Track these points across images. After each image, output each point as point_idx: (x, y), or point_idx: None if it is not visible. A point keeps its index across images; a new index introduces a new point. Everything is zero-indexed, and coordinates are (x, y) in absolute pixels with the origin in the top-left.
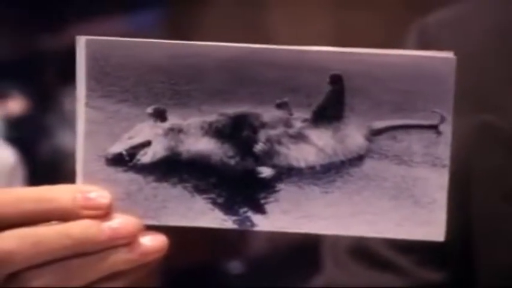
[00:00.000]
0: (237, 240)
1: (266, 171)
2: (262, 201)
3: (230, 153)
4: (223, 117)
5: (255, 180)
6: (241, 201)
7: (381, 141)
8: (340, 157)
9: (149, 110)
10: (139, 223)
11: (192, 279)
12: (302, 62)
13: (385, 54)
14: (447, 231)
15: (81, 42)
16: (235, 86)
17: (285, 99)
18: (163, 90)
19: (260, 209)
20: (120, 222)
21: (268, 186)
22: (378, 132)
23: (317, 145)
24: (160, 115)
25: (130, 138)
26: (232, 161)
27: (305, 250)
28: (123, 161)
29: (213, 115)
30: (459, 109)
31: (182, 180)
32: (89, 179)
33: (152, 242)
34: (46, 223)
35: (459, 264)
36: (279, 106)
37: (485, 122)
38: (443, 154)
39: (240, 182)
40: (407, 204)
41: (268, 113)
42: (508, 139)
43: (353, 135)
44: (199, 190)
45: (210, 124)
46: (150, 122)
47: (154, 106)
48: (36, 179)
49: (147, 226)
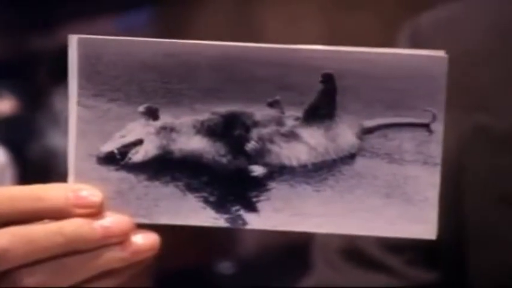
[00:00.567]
0: (228, 240)
1: (258, 169)
2: (254, 199)
3: (222, 151)
4: (215, 115)
5: (247, 178)
6: (233, 199)
7: (373, 139)
8: (332, 155)
9: (141, 109)
10: (131, 221)
11: (184, 279)
12: (294, 61)
13: (377, 53)
14: (439, 230)
15: (73, 41)
16: (227, 85)
17: (277, 97)
18: (155, 88)
19: (252, 208)
20: (112, 220)
21: (260, 184)
22: (370, 130)
23: (309, 144)
24: (152, 114)
25: (122, 137)
26: (224, 160)
27: (296, 250)
28: (114, 160)
29: (205, 114)
30: (452, 109)
31: (174, 178)
32: (81, 178)
33: (144, 240)
34: (39, 221)
35: (450, 264)
36: (271, 105)
37: (478, 122)
38: (434, 152)
39: (232, 181)
40: (399, 202)
41: (260, 112)
42: (501, 139)
43: (345, 133)
44: (191, 189)
45: (202, 123)
46: (142, 121)
47: (146, 105)
48: (26, 179)
49: (139, 225)
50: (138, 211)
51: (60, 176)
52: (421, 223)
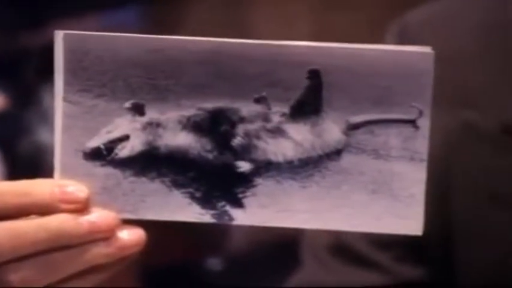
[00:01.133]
0: (216, 237)
1: (244, 165)
2: (240, 195)
3: (208, 147)
4: (201, 111)
5: (233, 174)
6: (219, 195)
7: (359, 135)
8: (318, 151)
9: (127, 105)
10: (117, 217)
11: (172, 276)
12: (280, 57)
13: (363, 49)
14: (426, 227)
15: (59, 36)
16: (213, 81)
17: (264, 93)
18: (141, 84)
19: (238, 203)
20: (97, 216)
21: (246, 180)
22: (356, 126)
23: (295, 139)
24: (138, 109)
25: (108, 132)
26: (210, 156)
27: (285, 247)
28: (101, 155)
29: (191, 109)
30: (440, 106)
31: (160, 174)
32: (67, 173)
33: (130, 236)
34: (25, 217)
35: (438, 261)
36: (258, 101)
37: (466, 119)
38: (421, 148)
39: (218, 177)
40: (385, 198)
41: (246, 108)
42: (489, 136)
43: (331, 129)
44: (177, 184)
45: (188, 118)
46: (128, 117)
47: (132, 100)
48: (16, 175)
49: (125, 220)
50: (124, 207)
51: (49, 172)
52: (407, 219)
